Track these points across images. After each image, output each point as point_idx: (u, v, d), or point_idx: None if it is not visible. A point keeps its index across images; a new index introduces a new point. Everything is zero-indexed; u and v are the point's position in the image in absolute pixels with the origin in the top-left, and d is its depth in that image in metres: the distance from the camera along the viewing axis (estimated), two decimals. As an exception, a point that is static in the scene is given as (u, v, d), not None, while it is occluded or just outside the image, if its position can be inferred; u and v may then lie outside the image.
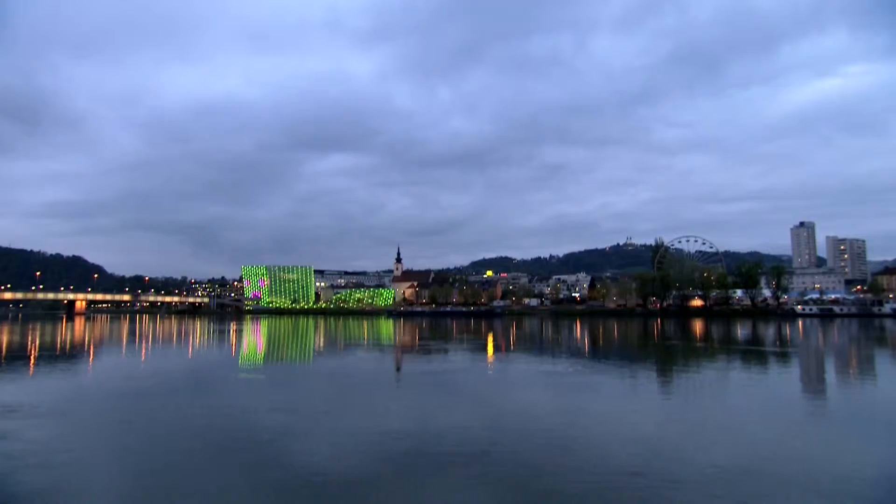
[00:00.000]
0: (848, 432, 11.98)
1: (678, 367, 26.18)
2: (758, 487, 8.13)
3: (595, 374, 22.75)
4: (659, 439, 11.18)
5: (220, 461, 9.81)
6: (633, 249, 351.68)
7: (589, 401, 16.02)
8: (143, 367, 27.30)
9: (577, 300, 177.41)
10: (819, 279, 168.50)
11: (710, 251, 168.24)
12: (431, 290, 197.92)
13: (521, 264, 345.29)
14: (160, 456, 9.99)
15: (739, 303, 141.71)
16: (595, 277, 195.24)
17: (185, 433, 11.86)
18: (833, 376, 22.60)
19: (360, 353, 35.14)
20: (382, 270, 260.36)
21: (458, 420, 13.08)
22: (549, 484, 8.38)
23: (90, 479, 8.93)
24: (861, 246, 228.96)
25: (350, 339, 49.42)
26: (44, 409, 14.47)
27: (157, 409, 14.55)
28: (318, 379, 22.54)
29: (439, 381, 20.21)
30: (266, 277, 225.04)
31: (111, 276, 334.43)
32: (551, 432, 11.68)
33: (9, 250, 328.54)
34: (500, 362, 28.03)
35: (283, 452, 10.21)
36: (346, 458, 9.81)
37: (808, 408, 15.40)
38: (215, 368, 26.83)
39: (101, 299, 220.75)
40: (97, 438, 11.61)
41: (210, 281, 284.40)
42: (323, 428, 12.35)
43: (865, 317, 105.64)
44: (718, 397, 16.86)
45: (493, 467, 9.19)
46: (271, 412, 14.16)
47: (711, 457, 9.79)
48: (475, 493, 8.13)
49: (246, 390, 18.74)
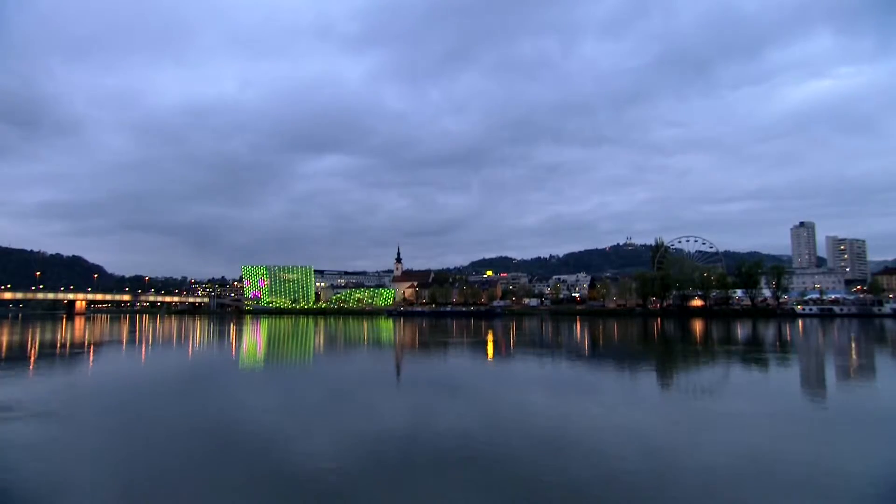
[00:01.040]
0: (847, 433, 11.95)
1: (677, 367, 26.16)
2: (755, 489, 8.11)
3: (594, 374, 22.74)
4: (656, 439, 11.16)
5: (206, 464, 9.78)
6: (633, 249, 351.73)
7: (588, 401, 16.00)
8: (140, 369, 27.29)
9: (577, 300, 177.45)
10: (819, 279, 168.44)
11: (709, 251, 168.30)
12: (431, 290, 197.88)
13: (521, 264, 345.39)
14: (149, 457, 9.97)
15: (739, 303, 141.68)
16: (595, 277, 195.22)
17: (175, 436, 11.83)
18: (833, 377, 22.56)
19: (360, 353, 35.12)
20: (382, 270, 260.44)
21: (457, 420, 13.05)
22: (544, 484, 8.37)
23: (79, 478, 8.92)
24: (861, 246, 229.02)
25: (350, 339, 49.41)
26: (38, 410, 14.45)
27: (149, 410, 14.54)
28: (317, 380, 22.51)
29: (439, 381, 20.19)
30: (266, 277, 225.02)
31: (111, 276, 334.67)
32: (549, 433, 11.65)
33: (8, 250, 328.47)
34: (500, 362, 27.99)
35: (276, 454, 10.19)
36: (339, 460, 9.78)
37: (807, 407, 15.37)
38: (212, 370, 26.81)
39: (100, 299, 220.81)
40: (90, 440, 11.60)
41: (210, 281, 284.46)
42: (317, 430, 12.33)
43: (865, 317, 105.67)
44: (716, 397, 16.83)
45: (489, 470, 9.17)
46: (266, 413, 14.15)
47: (711, 457, 9.77)
48: (470, 495, 8.11)
49: (241, 392, 18.71)
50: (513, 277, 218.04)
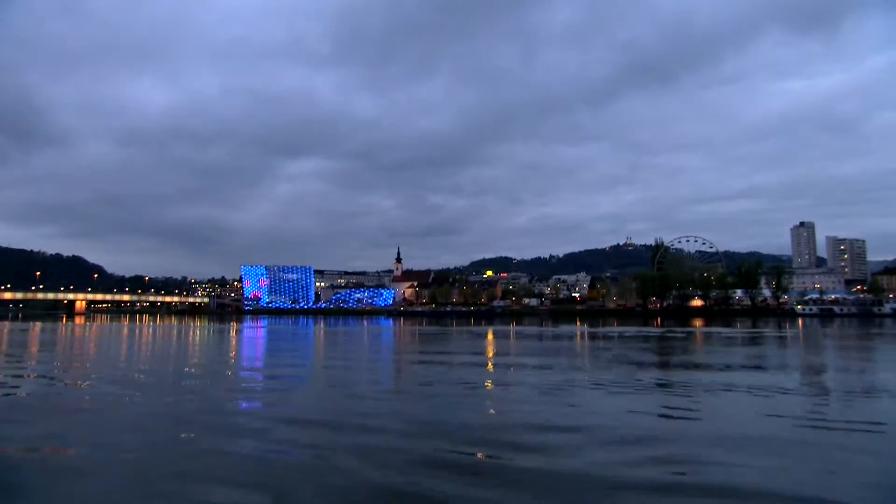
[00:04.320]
0: (847, 434, 11.89)
1: (676, 367, 26.07)
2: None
3: (594, 373, 22.68)
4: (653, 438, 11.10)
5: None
6: (633, 249, 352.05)
7: (586, 401, 15.95)
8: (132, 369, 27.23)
9: (577, 300, 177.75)
10: (819, 279, 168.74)
11: (709, 251, 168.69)
12: (431, 290, 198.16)
13: (521, 264, 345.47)
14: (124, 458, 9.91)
15: (739, 303, 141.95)
16: (595, 277, 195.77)
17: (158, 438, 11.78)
18: (834, 376, 22.48)
19: (360, 353, 35.08)
20: (382, 270, 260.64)
21: (455, 420, 13.00)
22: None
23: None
24: (861, 246, 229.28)
25: (350, 339, 49.43)
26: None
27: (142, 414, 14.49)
28: (315, 381, 22.47)
29: (439, 383, 20.16)
30: (266, 277, 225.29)
31: (111, 276, 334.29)
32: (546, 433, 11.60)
33: (8, 250, 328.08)
34: (500, 362, 27.91)
35: (264, 457, 10.13)
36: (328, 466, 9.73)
37: (807, 406, 15.29)
38: (207, 371, 26.75)
39: (101, 299, 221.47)
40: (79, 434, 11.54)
41: (210, 281, 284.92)
42: (310, 434, 12.29)
43: (865, 317, 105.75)
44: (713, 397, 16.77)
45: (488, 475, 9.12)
46: (257, 418, 14.10)
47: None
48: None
49: (237, 394, 18.69)
50: (513, 277, 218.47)
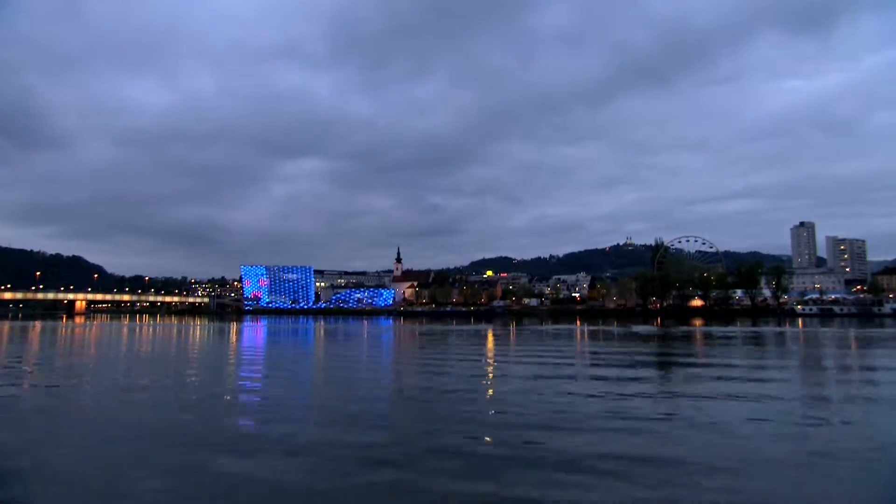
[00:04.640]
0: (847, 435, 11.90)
1: (675, 366, 26.08)
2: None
3: (592, 372, 22.69)
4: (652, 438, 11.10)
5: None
6: (633, 249, 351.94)
7: (585, 400, 15.95)
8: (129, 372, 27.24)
9: (577, 300, 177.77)
10: (819, 279, 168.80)
11: (710, 251, 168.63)
12: (431, 290, 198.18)
13: (521, 264, 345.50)
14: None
15: (739, 303, 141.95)
16: (595, 277, 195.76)
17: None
18: (833, 376, 22.49)
19: (360, 354, 35.08)
20: (382, 270, 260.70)
21: (454, 421, 13.01)
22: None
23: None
24: (861, 246, 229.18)
25: (349, 340, 49.42)
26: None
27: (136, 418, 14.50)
28: (314, 381, 22.48)
29: (438, 382, 20.18)
30: (266, 277, 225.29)
31: (111, 276, 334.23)
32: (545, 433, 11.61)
33: (9, 250, 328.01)
34: (500, 362, 27.93)
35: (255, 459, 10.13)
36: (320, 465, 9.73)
37: (806, 405, 15.30)
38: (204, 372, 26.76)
39: (100, 299, 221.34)
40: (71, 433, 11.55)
41: (210, 281, 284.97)
42: (305, 433, 12.30)
43: (865, 317, 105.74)
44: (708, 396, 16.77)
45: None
46: (250, 419, 14.11)
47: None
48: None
49: (233, 397, 18.68)
50: (513, 277, 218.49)
